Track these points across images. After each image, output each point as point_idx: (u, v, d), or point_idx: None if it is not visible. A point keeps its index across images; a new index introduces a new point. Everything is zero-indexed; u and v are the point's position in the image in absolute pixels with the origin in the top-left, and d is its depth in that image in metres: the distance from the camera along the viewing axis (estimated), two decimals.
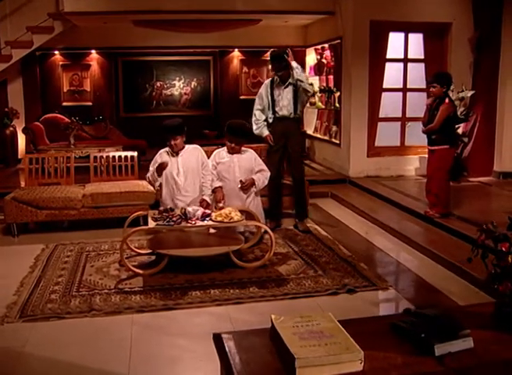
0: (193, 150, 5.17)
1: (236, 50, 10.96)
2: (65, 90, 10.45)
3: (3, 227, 5.85)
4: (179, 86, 11.03)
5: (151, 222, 4.47)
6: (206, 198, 5.01)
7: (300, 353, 1.47)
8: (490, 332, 1.73)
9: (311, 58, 10.04)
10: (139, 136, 9.63)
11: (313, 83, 5.84)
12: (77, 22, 8.46)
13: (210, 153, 5.43)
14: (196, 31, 9.17)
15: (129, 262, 4.51)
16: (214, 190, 5.14)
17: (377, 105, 8.13)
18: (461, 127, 7.63)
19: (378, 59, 7.99)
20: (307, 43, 10.06)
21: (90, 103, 10.55)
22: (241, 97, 11.10)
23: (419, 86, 8.20)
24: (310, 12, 8.60)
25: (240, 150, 5.30)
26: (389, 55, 8.13)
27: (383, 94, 8.17)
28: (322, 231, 5.72)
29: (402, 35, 8.17)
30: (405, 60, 8.25)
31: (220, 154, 5.34)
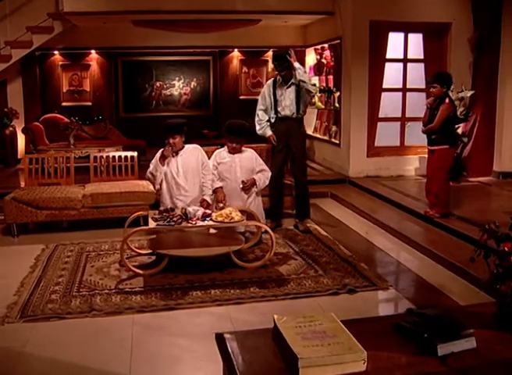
0: (193, 150, 5.17)
1: (236, 50, 10.96)
2: (64, 90, 10.45)
3: (3, 227, 5.85)
4: (178, 86, 11.03)
5: (152, 222, 4.47)
6: (206, 198, 5.00)
7: (304, 353, 1.47)
8: (492, 332, 1.73)
9: (311, 58, 10.04)
10: (138, 136, 9.65)
11: (315, 83, 5.82)
12: (77, 22, 8.46)
13: (209, 153, 5.43)
14: (195, 31, 9.16)
15: (129, 263, 4.51)
16: (215, 190, 5.13)
17: (377, 105, 8.13)
18: (461, 127, 7.63)
19: (377, 59, 7.99)
20: (306, 43, 10.06)
21: (89, 103, 10.55)
22: (241, 97, 11.12)
23: (419, 86, 8.22)
24: (309, 13, 8.60)
25: (241, 149, 5.31)
26: (389, 55, 8.13)
27: (383, 94, 8.17)
28: (322, 231, 5.72)
29: (401, 35, 8.18)
30: (405, 60, 8.26)
31: (221, 154, 5.33)
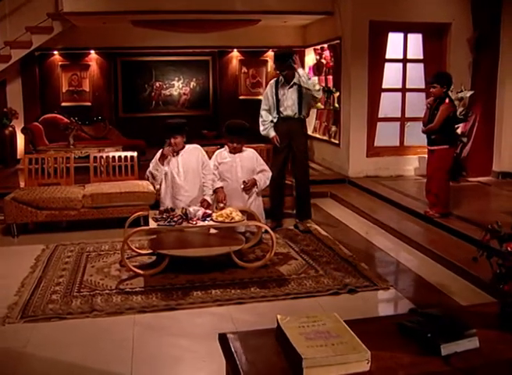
0: (193, 150, 5.16)
1: (235, 50, 10.95)
2: (64, 90, 10.43)
3: (3, 228, 5.84)
4: (178, 86, 11.02)
5: (152, 222, 4.47)
6: (207, 198, 5.00)
7: (308, 353, 1.47)
8: (495, 332, 1.73)
9: (310, 58, 10.04)
10: (138, 136, 9.64)
11: (320, 89, 5.77)
12: (76, 22, 8.45)
13: (209, 153, 5.43)
14: (195, 31, 9.16)
15: (129, 263, 4.51)
16: (215, 190, 5.13)
17: (376, 105, 8.14)
18: (460, 127, 7.63)
19: (377, 59, 8.00)
20: (306, 43, 10.06)
21: (89, 103, 10.53)
22: (240, 97, 11.11)
23: (418, 86, 8.23)
24: (309, 13, 8.60)
25: (242, 149, 5.30)
26: (389, 56, 8.14)
27: (382, 94, 8.18)
28: (322, 231, 5.72)
29: (401, 35, 8.18)
30: (404, 60, 8.26)
31: (222, 154, 5.33)
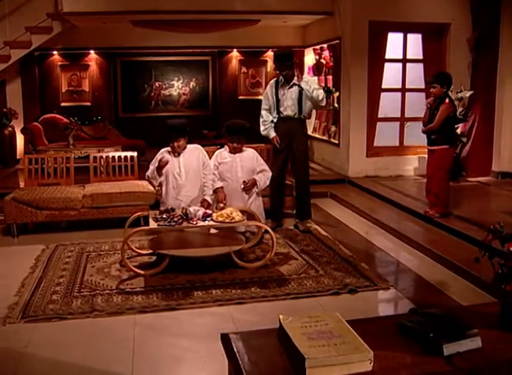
0: (194, 150, 5.16)
1: (235, 50, 10.95)
2: (63, 90, 10.42)
3: (3, 228, 5.84)
4: (177, 86, 11.02)
5: (153, 222, 4.47)
6: (207, 198, 5.00)
7: (310, 353, 1.47)
8: (497, 332, 1.73)
9: (310, 58, 10.04)
10: (138, 136, 9.63)
11: (324, 97, 5.74)
12: (76, 22, 8.45)
13: (209, 153, 5.42)
14: (195, 31, 9.16)
15: (130, 263, 4.51)
16: (215, 190, 5.13)
17: (376, 106, 8.14)
18: (460, 127, 7.64)
19: (377, 60, 8.01)
20: (305, 43, 10.07)
21: (88, 103, 10.52)
22: (240, 97, 11.11)
23: (418, 86, 8.24)
24: (308, 13, 8.61)
25: (242, 149, 5.30)
26: (388, 56, 8.14)
27: (382, 94, 8.18)
28: (322, 231, 5.73)
29: (401, 35, 8.19)
30: (404, 60, 8.27)
31: (222, 154, 5.33)
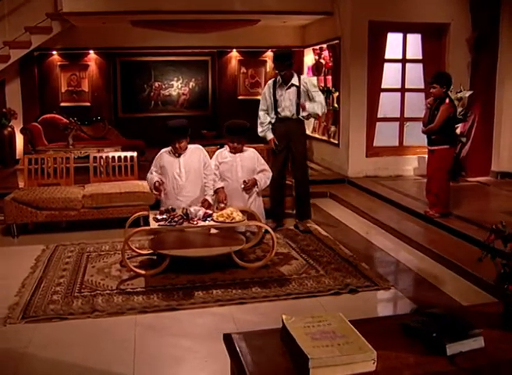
0: (195, 150, 5.15)
1: (235, 50, 10.96)
2: (63, 90, 10.41)
3: (3, 228, 5.83)
4: (177, 86, 11.02)
5: (153, 222, 4.47)
6: (208, 198, 4.99)
7: (314, 353, 1.47)
8: (499, 332, 1.73)
9: (309, 58, 10.04)
10: (137, 136, 9.63)
11: (324, 109, 5.76)
12: (76, 22, 8.45)
13: (208, 153, 5.40)
14: (194, 31, 9.16)
15: (130, 263, 4.50)
16: (216, 190, 5.13)
17: (375, 106, 8.15)
18: (459, 127, 7.64)
19: (376, 60, 8.01)
20: (305, 43, 10.07)
21: (88, 103, 10.51)
22: (239, 97, 11.12)
23: (417, 86, 8.24)
24: (308, 13, 8.61)
25: (242, 149, 5.30)
26: (388, 56, 8.15)
27: (382, 94, 8.19)
28: (323, 231, 5.73)
29: (400, 35, 8.19)
30: (403, 60, 8.27)
31: (222, 154, 5.33)
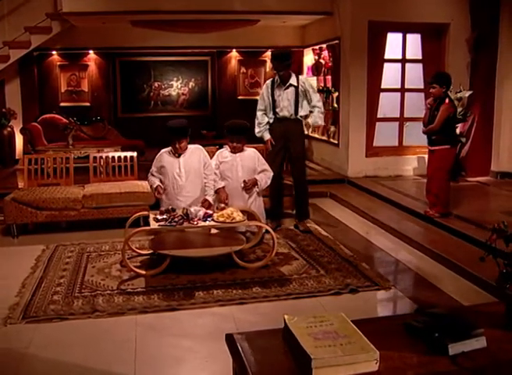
0: (195, 150, 5.14)
1: (234, 50, 10.96)
2: (62, 90, 10.41)
3: (3, 228, 5.83)
4: (176, 86, 11.02)
5: (153, 222, 4.46)
6: (208, 199, 4.99)
7: (317, 353, 1.47)
8: (501, 331, 1.74)
9: (309, 58, 10.04)
10: (137, 136, 9.64)
11: (321, 118, 5.80)
12: (75, 22, 8.44)
13: (208, 153, 5.40)
14: (194, 31, 9.16)
15: (130, 263, 4.50)
16: (217, 190, 5.12)
17: (375, 106, 8.15)
18: (459, 127, 7.64)
19: (376, 60, 8.01)
20: (305, 43, 10.07)
21: (88, 103, 10.52)
22: (239, 97, 11.12)
23: (417, 86, 8.25)
24: (308, 13, 8.61)
25: (243, 148, 5.30)
26: (387, 56, 8.14)
27: (381, 94, 8.19)
28: (323, 231, 5.73)
29: (400, 35, 8.19)
30: (403, 60, 8.27)
31: (223, 153, 5.33)
